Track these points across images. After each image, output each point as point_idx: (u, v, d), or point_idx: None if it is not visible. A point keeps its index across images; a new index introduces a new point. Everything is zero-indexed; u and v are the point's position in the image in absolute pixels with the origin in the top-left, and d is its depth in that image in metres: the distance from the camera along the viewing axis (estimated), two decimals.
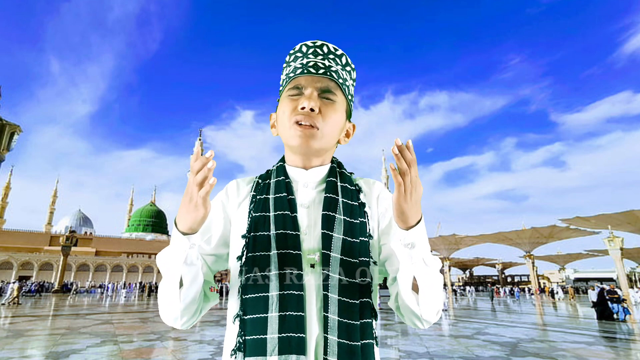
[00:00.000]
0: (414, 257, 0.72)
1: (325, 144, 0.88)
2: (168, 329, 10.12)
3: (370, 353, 0.74)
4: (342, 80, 0.91)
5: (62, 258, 37.89)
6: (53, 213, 78.59)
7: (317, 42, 0.91)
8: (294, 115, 0.85)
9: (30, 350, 7.01)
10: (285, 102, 0.88)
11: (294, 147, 0.87)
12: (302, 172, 0.90)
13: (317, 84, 0.87)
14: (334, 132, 0.89)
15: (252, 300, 0.74)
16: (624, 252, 35.15)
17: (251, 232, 0.80)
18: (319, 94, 0.86)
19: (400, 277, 0.76)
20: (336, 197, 0.85)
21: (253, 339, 0.71)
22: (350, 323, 0.72)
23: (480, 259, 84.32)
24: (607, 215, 35.48)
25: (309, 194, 0.88)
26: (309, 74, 0.87)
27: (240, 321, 0.75)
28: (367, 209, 0.87)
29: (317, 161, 0.90)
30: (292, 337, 0.69)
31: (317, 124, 0.84)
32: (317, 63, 0.89)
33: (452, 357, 6.50)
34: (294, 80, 0.89)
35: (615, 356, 6.98)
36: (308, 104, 0.83)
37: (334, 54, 0.91)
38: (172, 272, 0.73)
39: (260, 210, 0.83)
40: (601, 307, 14.18)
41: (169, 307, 0.76)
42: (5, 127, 20.50)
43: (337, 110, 0.88)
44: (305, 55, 0.90)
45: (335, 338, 0.70)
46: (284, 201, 0.83)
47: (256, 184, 0.92)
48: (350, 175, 0.94)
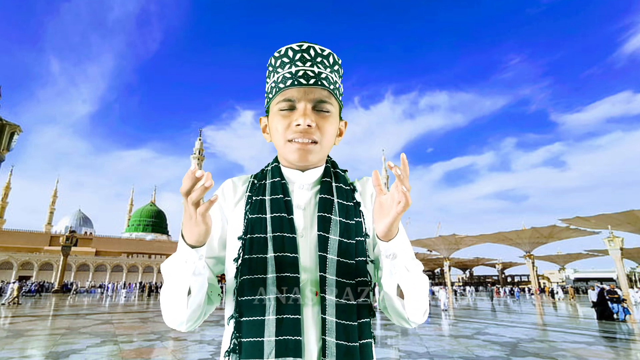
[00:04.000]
0: (396, 266, 0.74)
1: (323, 155, 0.88)
2: (168, 329, 10.12)
3: (369, 352, 0.75)
4: (333, 86, 0.87)
5: (62, 258, 37.89)
6: (53, 213, 78.60)
7: (302, 44, 0.86)
8: (290, 133, 0.82)
9: (30, 350, 7.00)
10: (277, 117, 0.85)
11: (292, 162, 0.86)
12: (298, 174, 0.89)
13: (310, 95, 0.83)
14: (331, 142, 0.89)
15: (248, 303, 0.74)
16: (624, 252, 35.19)
17: (247, 234, 0.80)
18: (313, 107, 0.83)
19: (384, 285, 0.78)
20: (331, 198, 0.84)
21: (249, 341, 0.71)
22: (348, 324, 0.73)
23: (480, 259, 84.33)
24: (607, 215, 35.49)
25: (304, 196, 0.87)
26: (300, 85, 0.83)
27: (236, 323, 0.74)
28: (362, 208, 0.87)
29: (313, 164, 0.90)
30: (290, 339, 0.69)
31: (315, 138, 0.82)
32: (307, 72, 0.84)
33: (452, 357, 6.50)
34: (285, 92, 0.84)
35: (615, 356, 6.98)
36: (304, 121, 0.80)
37: (321, 55, 0.87)
38: (180, 282, 0.73)
39: (256, 212, 0.82)
40: (601, 307, 14.18)
41: (175, 313, 0.76)
42: (5, 127, 20.51)
43: (332, 122, 0.86)
44: (292, 62, 0.85)
45: (333, 340, 0.70)
46: (280, 203, 0.83)
47: (251, 184, 0.90)
48: (345, 174, 0.94)
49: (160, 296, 0.78)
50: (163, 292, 0.77)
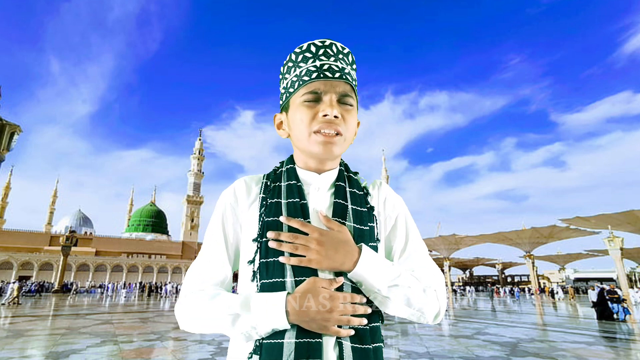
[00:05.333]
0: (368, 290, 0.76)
1: (344, 149, 0.88)
2: (168, 329, 10.12)
3: (381, 355, 0.77)
4: (354, 82, 0.90)
5: (62, 258, 37.87)
6: (53, 213, 78.68)
7: (325, 41, 0.87)
8: (316, 124, 0.82)
9: (30, 350, 7.00)
10: (301, 108, 0.84)
11: (316, 154, 0.85)
12: (314, 176, 0.88)
13: (337, 88, 0.84)
14: (352, 136, 0.89)
15: None
16: (624, 252, 35.17)
17: (263, 237, 0.79)
18: (338, 100, 0.84)
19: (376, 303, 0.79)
20: (345, 204, 0.84)
21: (270, 343, 0.71)
22: (362, 328, 0.74)
23: (480, 259, 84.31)
24: (607, 215, 35.46)
25: (321, 198, 0.87)
26: (326, 78, 0.84)
27: None
28: (375, 213, 0.88)
29: (330, 165, 0.90)
30: (310, 342, 0.70)
31: (340, 130, 0.83)
32: (332, 66, 0.85)
33: (452, 357, 6.50)
34: (310, 85, 0.84)
35: (615, 356, 6.98)
36: (331, 111, 0.81)
37: (343, 53, 0.89)
38: (222, 327, 0.74)
39: (272, 215, 0.81)
40: (601, 307, 14.18)
41: (197, 327, 0.78)
42: (5, 127, 20.49)
43: (354, 115, 0.87)
44: (316, 57, 0.86)
45: (349, 343, 0.72)
46: (297, 206, 0.82)
47: (265, 186, 0.89)
48: (357, 176, 0.94)
49: (195, 313, 0.77)
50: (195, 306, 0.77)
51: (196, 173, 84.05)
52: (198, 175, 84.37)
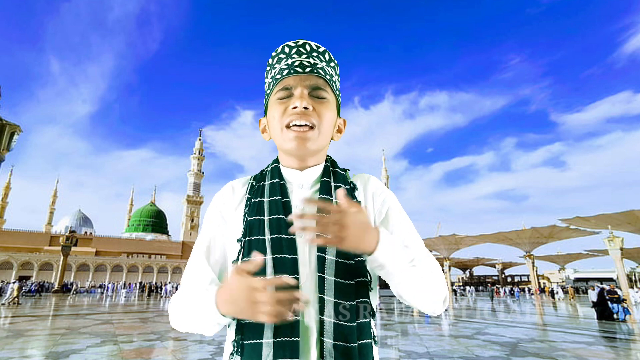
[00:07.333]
0: (390, 273, 0.73)
1: (321, 143, 0.86)
2: (168, 329, 10.12)
3: (369, 353, 0.74)
4: (329, 76, 0.89)
5: (62, 258, 37.84)
6: (53, 213, 78.73)
7: (299, 41, 0.88)
8: (286, 118, 0.82)
9: (30, 350, 7.00)
10: (274, 106, 0.86)
11: (289, 151, 0.85)
12: (296, 174, 0.88)
13: (306, 82, 0.84)
14: (329, 130, 0.88)
15: None
16: (624, 252, 35.14)
17: (246, 236, 0.80)
18: (309, 92, 0.84)
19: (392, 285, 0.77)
20: (330, 198, 0.83)
21: (250, 343, 0.71)
22: (347, 325, 0.72)
23: (480, 259, 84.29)
24: (607, 215, 35.42)
25: (304, 195, 0.86)
26: (296, 73, 0.84)
27: (237, 325, 0.75)
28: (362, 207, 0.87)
29: (312, 161, 0.88)
30: (287, 341, 0.69)
31: (312, 121, 0.82)
32: (303, 62, 0.86)
33: (452, 357, 6.50)
34: (282, 82, 0.86)
35: (615, 356, 6.98)
36: (300, 102, 0.81)
37: (317, 51, 0.89)
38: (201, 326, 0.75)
39: (255, 214, 0.82)
40: (601, 307, 14.17)
41: (186, 327, 0.79)
42: (5, 127, 20.49)
43: (329, 108, 0.86)
44: (289, 56, 0.87)
45: (331, 341, 0.70)
46: (278, 204, 0.82)
47: (250, 186, 0.90)
48: (345, 173, 0.92)
49: (175, 311, 0.79)
50: (178, 305, 0.78)
51: (196, 173, 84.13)
52: (198, 175, 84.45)
